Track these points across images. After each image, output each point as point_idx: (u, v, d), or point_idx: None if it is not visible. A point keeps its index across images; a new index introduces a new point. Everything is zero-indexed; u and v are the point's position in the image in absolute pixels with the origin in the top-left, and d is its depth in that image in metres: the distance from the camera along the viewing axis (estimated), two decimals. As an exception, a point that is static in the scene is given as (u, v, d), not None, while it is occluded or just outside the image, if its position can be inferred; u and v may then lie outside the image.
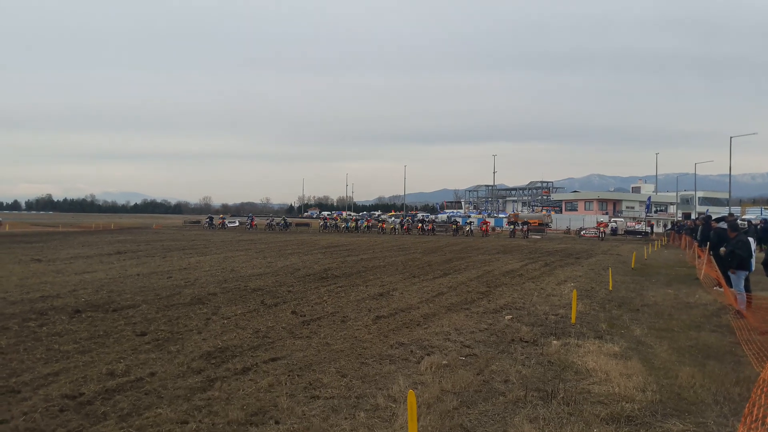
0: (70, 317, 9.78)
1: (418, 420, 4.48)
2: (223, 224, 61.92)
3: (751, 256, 11.72)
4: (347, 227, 57.45)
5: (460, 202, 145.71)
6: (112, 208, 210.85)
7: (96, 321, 9.50)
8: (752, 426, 4.20)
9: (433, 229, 55.46)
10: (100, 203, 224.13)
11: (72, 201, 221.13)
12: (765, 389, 4.51)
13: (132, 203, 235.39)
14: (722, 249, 12.31)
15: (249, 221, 63.42)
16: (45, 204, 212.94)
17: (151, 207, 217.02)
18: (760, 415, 4.25)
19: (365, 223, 59.97)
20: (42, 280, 14.53)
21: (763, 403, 4.34)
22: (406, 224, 58.34)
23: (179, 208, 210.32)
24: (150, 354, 7.42)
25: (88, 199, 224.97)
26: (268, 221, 63.32)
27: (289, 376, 6.49)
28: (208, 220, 63.22)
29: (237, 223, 68.02)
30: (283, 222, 61.18)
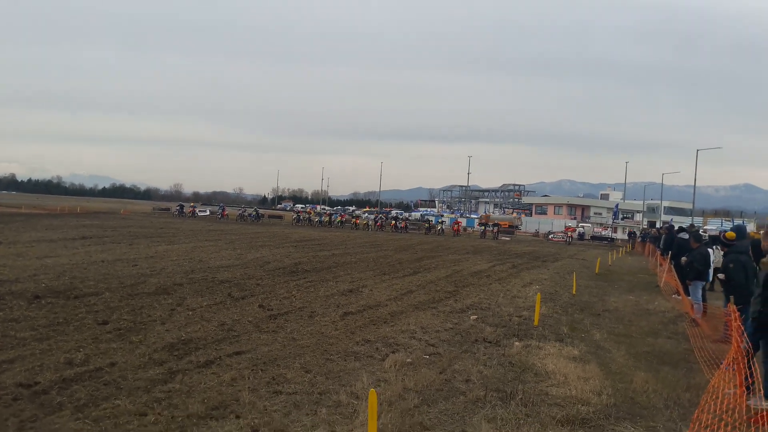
0: (29, 303, 9.56)
1: (378, 418, 4.53)
2: (193, 213, 61.16)
3: (708, 267, 12.09)
4: (321, 221, 57.27)
5: (434, 201, 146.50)
6: (80, 191, 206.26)
7: (56, 308, 9.32)
8: (698, 430, 4.36)
9: (406, 227, 55.72)
10: (67, 185, 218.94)
11: (37, 182, 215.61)
12: (713, 395, 4.69)
13: (100, 187, 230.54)
14: (683, 259, 12.66)
15: (220, 211, 62.75)
16: (8, 183, 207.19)
17: (119, 192, 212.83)
18: (708, 421, 4.42)
19: (339, 218, 59.88)
20: (1, 263, 14.17)
21: (711, 409, 4.51)
22: (379, 221, 58.44)
23: (149, 194, 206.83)
24: (111, 344, 7.32)
25: (55, 181, 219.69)
26: (240, 212, 62.74)
27: (252, 370, 6.49)
28: (178, 207, 62.35)
29: (208, 212, 67.23)
30: (255, 213, 60.68)
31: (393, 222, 56.79)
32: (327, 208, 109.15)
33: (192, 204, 71.57)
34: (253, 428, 4.85)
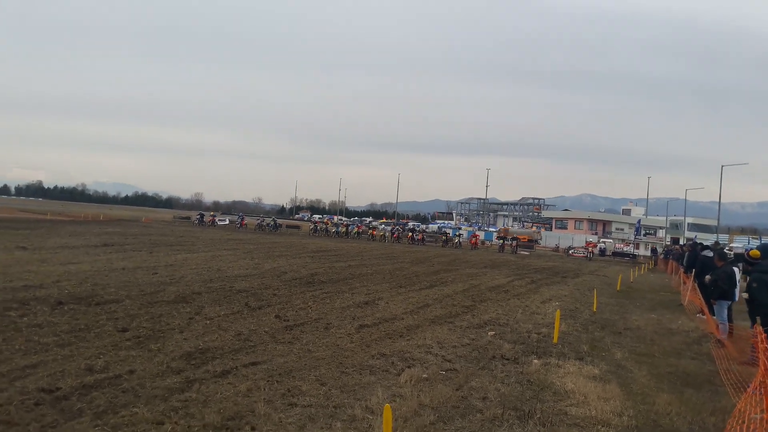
0: (52, 309, 9.70)
1: (393, 434, 4.49)
2: (213, 222, 61.71)
3: (734, 286, 11.82)
4: (337, 232, 57.40)
5: (452, 214, 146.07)
6: (103, 199, 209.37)
7: (78, 314, 9.43)
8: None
9: (423, 239, 55.54)
10: (91, 193, 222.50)
11: (62, 189, 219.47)
12: (739, 420, 4.57)
13: (123, 195, 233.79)
14: (707, 277, 12.42)
15: (239, 220, 63.25)
16: (35, 190, 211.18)
17: (141, 200, 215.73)
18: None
19: (356, 229, 59.96)
20: (26, 269, 14.41)
21: (736, 435, 4.39)
22: (396, 233, 58.37)
23: (170, 203, 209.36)
24: (130, 351, 7.38)
25: (79, 188, 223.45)
26: (259, 221, 63.17)
27: (268, 381, 6.48)
28: (198, 216, 63.03)
29: (227, 222, 67.80)
30: (273, 223, 61.04)
31: (410, 234, 56.64)
32: (344, 218, 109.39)
33: (212, 213, 72.31)
34: (268, 441, 4.83)
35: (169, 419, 5.15)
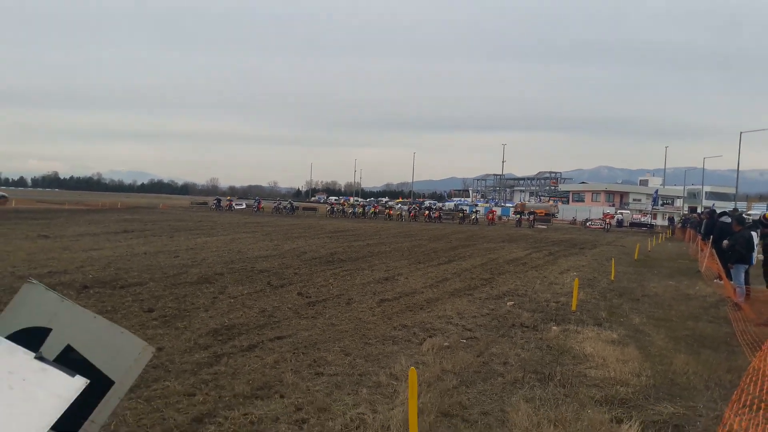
0: (78, 293, 9.97)
1: (418, 397, 4.64)
2: (230, 206, 62.19)
3: (752, 250, 11.82)
4: (354, 212, 57.62)
5: (468, 191, 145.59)
6: (119, 187, 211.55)
7: (104, 297, 9.70)
8: (739, 411, 4.35)
9: (439, 217, 55.60)
10: (107, 182, 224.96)
11: (78, 179, 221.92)
12: (754, 377, 4.66)
13: (139, 183, 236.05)
14: (725, 242, 12.41)
15: (256, 204, 63.67)
16: (51, 181, 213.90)
17: (158, 187, 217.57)
18: (747, 401, 4.40)
19: (372, 209, 60.13)
20: (49, 256, 14.74)
21: (751, 390, 4.49)
22: (413, 211, 58.45)
23: (186, 189, 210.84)
24: (157, 330, 7.60)
25: (95, 178, 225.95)
26: (275, 205, 63.57)
27: (294, 353, 6.68)
28: (215, 201, 63.55)
29: (244, 206, 68.27)
30: (289, 206, 61.40)
31: (426, 212, 56.70)
32: (360, 199, 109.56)
33: (229, 198, 72.87)
34: (297, 407, 5.02)
35: (200, 391, 5.36)
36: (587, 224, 56.80)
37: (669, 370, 6.43)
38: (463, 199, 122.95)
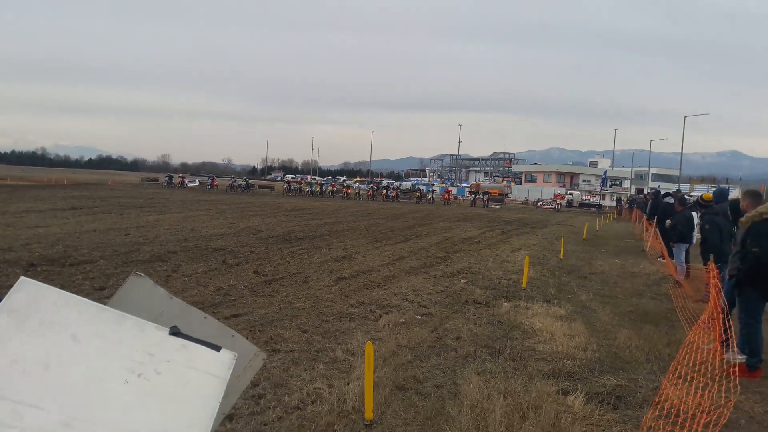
0: (24, 271, 9.67)
1: (374, 371, 4.76)
2: (182, 183, 60.92)
3: (692, 230, 12.38)
4: (311, 191, 57.26)
5: (425, 171, 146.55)
6: (65, 163, 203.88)
7: (52, 275, 9.45)
8: (674, 381, 4.64)
9: (397, 196, 55.87)
10: (52, 157, 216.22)
11: (21, 153, 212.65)
12: (689, 350, 4.96)
13: (86, 158, 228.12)
14: (667, 222, 12.96)
15: (210, 181, 62.48)
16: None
17: (106, 163, 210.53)
18: (683, 372, 4.69)
19: (330, 188, 59.91)
20: (-7, 233, 14.20)
21: (686, 362, 4.78)
22: (370, 190, 58.51)
23: (136, 165, 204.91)
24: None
25: (39, 152, 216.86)
26: (230, 182, 62.55)
27: (250, 331, 6.70)
28: (167, 178, 62.06)
29: (197, 183, 66.96)
30: (245, 183, 60.54)
31: (384, 191, 56.90)
32: (317, 178, 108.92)
33: (181, 174, 71.16)
34: (254, 383, 5.07)
35: (156, 368, 5.34)
36: (539, 204, 58.09)
37: (613, 345, 6.75)
38: (420, 178, 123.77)
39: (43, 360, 1.75)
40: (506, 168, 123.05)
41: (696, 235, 12.53)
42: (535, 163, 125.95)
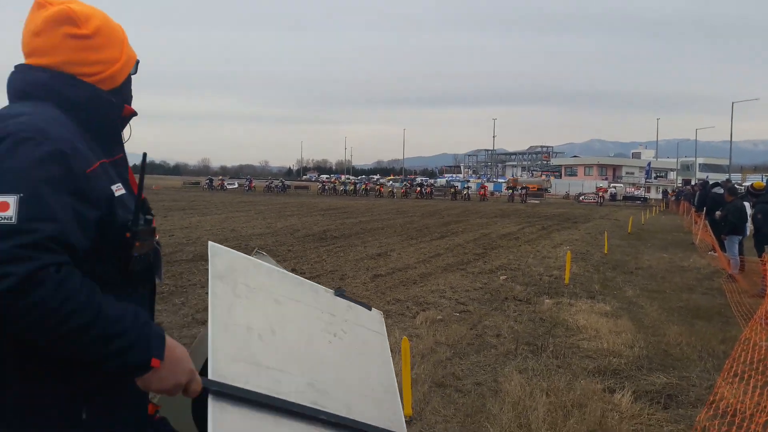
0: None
1: (412, 368, 4.65)
2: (222, 186, 61.93)
3: (744, 221, 11.85)
4: (345, 190, 57.45)
5: (459, 167, 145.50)
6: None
7: (98, 276, 9.64)
8: (730, 380, 4.39)
9: (431, 193, 55.52)
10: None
11: None
12: (745, 347, 4.69)
13: (131, 164, 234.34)
14: (717, 213, 12.44)
15: (248, 183, 63.35)
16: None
17: (150, 167, 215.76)
18: (739, 371, 4.44)
19: (363, 187, 60.00)
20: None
21: (742, 359, 4.52)
22: (403, 188, 58.32)
23: (178, 170, 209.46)
24: (156, 306, 7.55)
25: None
26: (267, 184, 63.29)
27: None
28: (207, 181, 63.24)
29: (236, 185, 68.00)
30: (281, 184, 61.20)
31: (418, 188, 56.61)
32: (351, 177, 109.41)
33: (221, 177, 72.44)
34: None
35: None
36: (580, 198, 56.90)
37: (662, 342, 6.47)
38: (454, 175, 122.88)
39: (268, 325, 1.74)
40: (545, 162, 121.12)
41: (749, 226, 11.99)
42: (575, 156, 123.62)
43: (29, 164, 1.31)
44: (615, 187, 64.90)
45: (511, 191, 55.72)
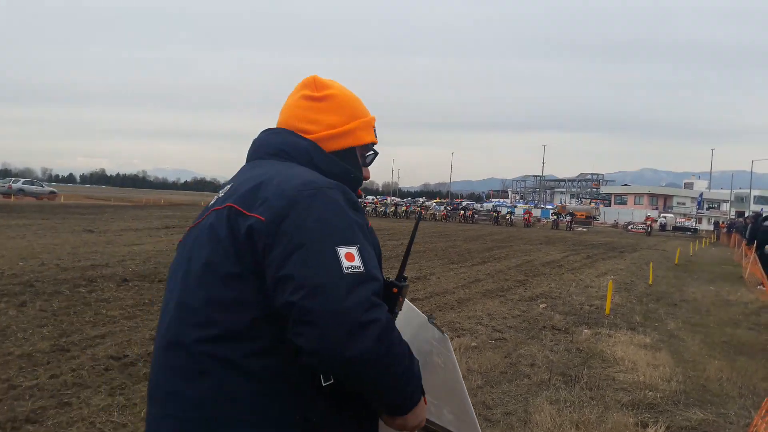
0: (117, 285, 10.28)
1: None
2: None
3: (797, 255, 11.41)
4: (385, 212, 56.80)
5: (507, 192, 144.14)
6: (163, 185, 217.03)
7: (142, 290, 9.98)
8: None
9: (473, 216, 54.88)
10: (152, 179, 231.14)
11: (124, 176, 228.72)
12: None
13: (182, 180, 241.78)
14: (767, 247, 12.01)
15: None
16: (99, 178, 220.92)
17: (201, 185, 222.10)
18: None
19: (404, 208, 59.39)
20: (93, 250, 15.20)
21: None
22: (444, 211, 57.74)
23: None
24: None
25: (140, 175, 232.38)
26: None
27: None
28: None
29: None
30: None
31: (462, 212, 56.19)
32: (396, 198, 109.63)
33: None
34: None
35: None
36: (629, 227, 55.54)
37: (701, 377, 6.28)
38: (501, 200, 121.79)
39: (440, 361, 2.03)
40: (594, 189, 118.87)
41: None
42: (626, 185, 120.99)
43: (349, 215, 1.43)
44: (665, 217, 63.17)
45: (555, 217, 54.61)
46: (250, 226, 1.39)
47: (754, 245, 15.59)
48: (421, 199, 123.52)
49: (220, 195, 1.60)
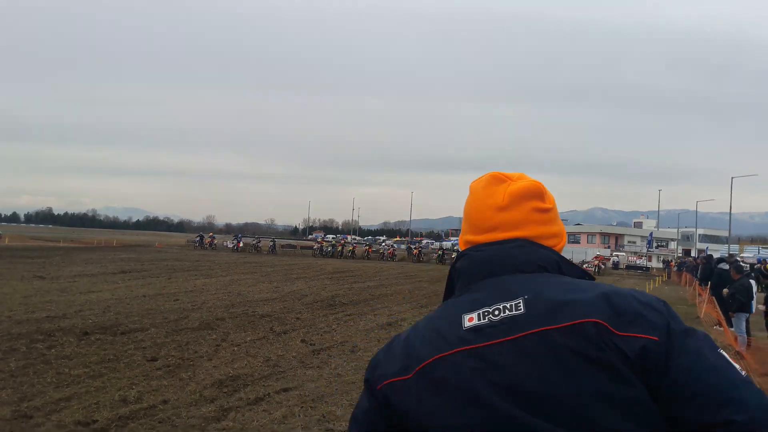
0: (78, 339, 9.83)
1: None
2: (211, 243, 58.06)
3: (752, 299, 11.90)
4: (333, 251, 54.19)
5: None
6: (114, 224, 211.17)
7: (105, 344, 9.58)
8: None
9: (418, 255, 53.86)
10: (102, 218, 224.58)
11: (73, 215, 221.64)
12: None
13: (134, 219, 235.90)
14: (725, 291, 12.47)
15: (235, 243, 57.65)
16: (45, 217, 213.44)
17: (153, 224, 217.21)
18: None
19: (350, 248, 56.28)
20: (47, 299, 14.54)
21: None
22: (390, 249, 56.81)
23: (182, 226, 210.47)
24: (161, 380, 7.51)
25: (90, 214, 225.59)
26: (254, 243, 58.56)
27: (302, 407, 6.60)
28: (197, 238, 60.02)
29: (229, 245, 63.11)
30: (272, 244, 58.62)
31: (416, 250, 55.68)
32: (357, 237, 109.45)
33: (211, 234, 66.82)
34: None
35: (209, 448, 5.27)
36: (583, 266, 56.64)
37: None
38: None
39: None
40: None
41: (756, 305, 12.01)
42: (578, 224, 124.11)
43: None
44: (618, 256, 64.91)
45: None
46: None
47: (708, 286, 16.15)
48: (382, 238, 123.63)
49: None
